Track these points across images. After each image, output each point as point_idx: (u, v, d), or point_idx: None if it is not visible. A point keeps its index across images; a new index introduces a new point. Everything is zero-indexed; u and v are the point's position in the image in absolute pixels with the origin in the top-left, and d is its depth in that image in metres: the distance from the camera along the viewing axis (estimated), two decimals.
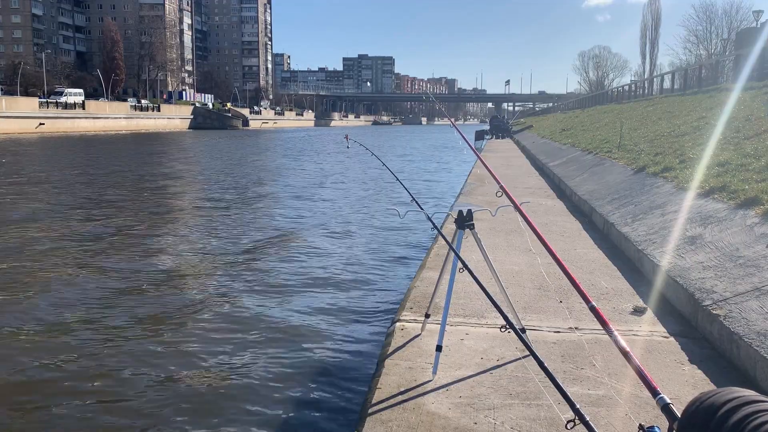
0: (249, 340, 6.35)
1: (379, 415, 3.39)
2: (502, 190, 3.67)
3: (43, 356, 5.91)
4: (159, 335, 6.49)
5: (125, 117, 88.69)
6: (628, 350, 1.86)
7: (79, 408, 4.92)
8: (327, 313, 7.25)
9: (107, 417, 4.80)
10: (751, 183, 6.55)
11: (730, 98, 14.61)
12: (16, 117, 65.25)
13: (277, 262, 9.97)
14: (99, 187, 20.35)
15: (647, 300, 5.30)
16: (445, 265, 4.23)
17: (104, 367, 5.66)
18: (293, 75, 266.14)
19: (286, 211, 15.62)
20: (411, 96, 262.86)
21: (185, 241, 11.75)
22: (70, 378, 5.45)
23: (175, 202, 17.70)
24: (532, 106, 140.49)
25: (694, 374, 3.86)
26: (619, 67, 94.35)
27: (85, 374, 5.52)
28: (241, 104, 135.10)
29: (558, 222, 9.27)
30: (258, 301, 7.72)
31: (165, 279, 8.85)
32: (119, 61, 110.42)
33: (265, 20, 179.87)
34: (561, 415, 3.19)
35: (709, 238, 5.71)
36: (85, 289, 8.17)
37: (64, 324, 6.82)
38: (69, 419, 4.78)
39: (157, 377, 5.46)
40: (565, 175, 13.89)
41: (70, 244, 11.09)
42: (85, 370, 5.62)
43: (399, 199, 16.66)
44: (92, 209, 15.45)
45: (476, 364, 4.01)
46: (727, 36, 60.08)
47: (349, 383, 5.29)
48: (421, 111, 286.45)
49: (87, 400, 5.05)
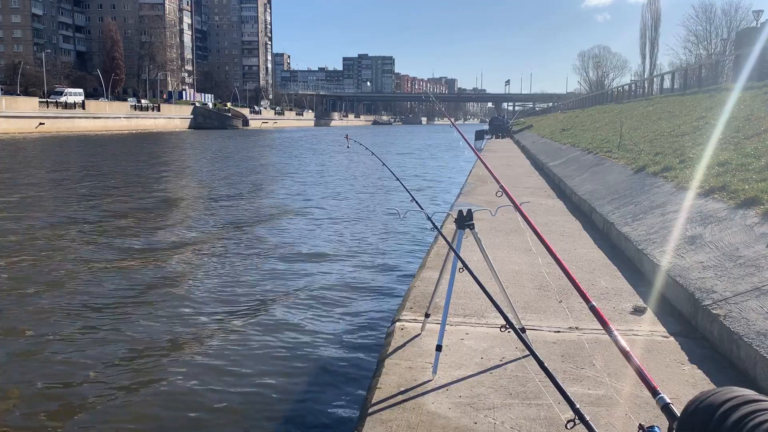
0: (248, 340, 6.35)
1: (379, 414, 3.39)
2: (502, 190, 3.67)
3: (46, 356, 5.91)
4: (157, 335, 6.49)
5: (125, 117, 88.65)
6: (628, 350, 1.86)
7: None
8: (327, 313, 7.25)
9: (103, 413, 4.80)
10: (751, 183, 6.55)
11: (730, 98, 14.60)
12: (15, 117, 65.18)
13: (276, 261, 9.96)
14: (108, 190, 20.34)
15: (647, 300, 5.30)
16: (445, 265, 4.23)
17: (91, 359, 5.67)
18: (293, 75, 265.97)
19: (286, 211, 15.61)
20: (411, 96, 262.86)
21: (185, 241, 11.76)
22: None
23: (175, 203, 17.70)
24: (532, 106, 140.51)
25: (694, 374, 3.86)
26: (619, 67, 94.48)
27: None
28: (241, 104, 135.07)
29: (558, 222, 9.27)
30: (257, 301, 7.72)
31: (165, 278, 8.85)
32: (119, 60, 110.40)
33: (265, 20, 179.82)
34: (561, 415, 3.19)
35: (709, 237, 5.71)
36: (85, 290, 8.19)
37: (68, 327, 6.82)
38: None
39: (156, 377, 5.46)
40: (565, 175, 13.89)
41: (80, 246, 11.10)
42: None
43: (399, 199, 16.66)
44: (102, 217, 15.46)
45: (476, 363, 4.01)
46: (726, 36, 60.11)
47: (349, 383, 5.29)
48: (421, 111, 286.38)
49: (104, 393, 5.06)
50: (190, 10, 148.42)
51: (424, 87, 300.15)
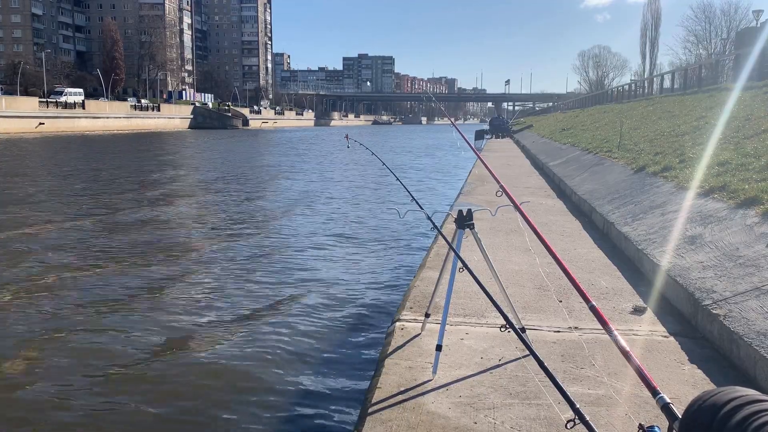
0: (248, 340, 6.34)
1: (379, 414, 3.39)
2: (502, 190, 3.67)
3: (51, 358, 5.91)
4: (154, 334, 6.49)
5: (125, 116, 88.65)
6: (628, 350, 1.86)
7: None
8: (327, 313, 7.24)
9: (101, 410, 4.80)
10: (751, 182, 6.55)
11: (730, 98, 14.61)
12: (15, 117, 65.17)
13: (276, 261, 9.96)
14: (111, 190, 20.35)
15: (647, 299, 5.30)
16: (445, 265, 4.22)
17: (98, 346, 5.67)
18: (293, 74, 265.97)
19: (285, 211, 15.61)
20: (411, 96, 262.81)
21: (185, 240, 11.76)
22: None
23: (174, 203, 17.70)
24: (532, 106, 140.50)
25: (694, 374, 3.85)
26: (619, 67, 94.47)
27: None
28: (240, 104, 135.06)
29: (558, 221, 9.27)
30: (257, 301, 7.71)
31: (164, 278, 8.84)
32: (119, 60, 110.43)
33: (265, 20, 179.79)
34: (561, 415, 3.19)
35: (709, 237, 5.70)
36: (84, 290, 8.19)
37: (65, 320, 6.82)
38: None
39: (155, 377, 5.46)
40: (565, 175, 13.88)
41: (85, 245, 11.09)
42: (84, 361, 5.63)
43: (399, 198, 16.66)
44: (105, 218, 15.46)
45: (476, 363, 4.01)
46: (726, 36, 60.14)
47: (349, 382, 5.29)
48: (421, 111, 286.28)
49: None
50: (190, 10, 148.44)
51: (424, 87, 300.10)
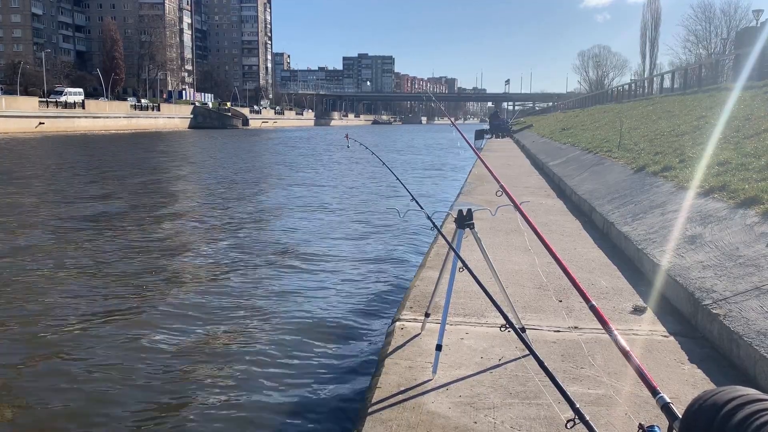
0: (247, 340, 6.35)
1: (379, 414, 3.39)
2: (502, 190, 3.67)
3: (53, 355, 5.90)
4: (153, 335, 6.49)
5: (125, 116, 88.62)
6: (628, 349, 1.86)
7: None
8: (327, 313, 7.24)
9: (98, 409, 4.80)
10: (751, 182, 6.55)
11: (730, 97, 14.60)
12: (15, 116, 65.17)
13: (276, 261, 9.96)
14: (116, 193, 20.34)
15: (647, 299, 5.30)
16: (445, 265, 4.22)
17: (94, 358, 5.67)
18: (293, 74, 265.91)
19: (285, 211, 15.61)
20: (411, 95, 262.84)
21: (184, 240, 11.76)
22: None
23: (173, 202, 17.70)
24: (532, 106, 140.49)
25: (694, 373, 3.85)
26: (619, 67, 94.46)
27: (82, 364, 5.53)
28: (240, 104, 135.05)
29: (558, 221, 9.27)
30: (257, 301, 7.72)
31: (165, 278, 8.84)
32: (119, 60, 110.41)
33: (265, 19, 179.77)
34: (561, 415, 3.19)
35: (708, 237, 5.70)
36: (83, 290, 8.19)
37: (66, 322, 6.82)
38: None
39: (154, 376, 5.46)
40: (565, 175, 13.88)
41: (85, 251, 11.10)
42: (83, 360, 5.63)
43: (398, 198, 16.65)
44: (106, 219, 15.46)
45: (476, 363, 4.01)
46: (726, 35, 60.13)
47: (349, 382, 5.29)
48: (421, 110, 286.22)
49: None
50: (190, 10, 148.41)
51: (424, 86, 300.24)
